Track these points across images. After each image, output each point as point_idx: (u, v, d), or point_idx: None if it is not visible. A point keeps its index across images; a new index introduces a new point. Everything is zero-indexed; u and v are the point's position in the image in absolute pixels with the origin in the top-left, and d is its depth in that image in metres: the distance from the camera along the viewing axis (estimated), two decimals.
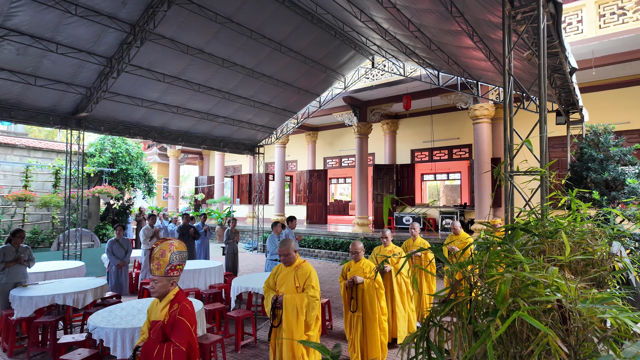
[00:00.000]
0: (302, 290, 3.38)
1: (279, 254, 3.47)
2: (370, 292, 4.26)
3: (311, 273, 3.44)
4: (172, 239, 2.54)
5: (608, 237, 2.12)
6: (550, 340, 1.02)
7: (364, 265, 4.39)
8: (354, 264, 4.42)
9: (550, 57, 4.92)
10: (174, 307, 2.39)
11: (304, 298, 3.32)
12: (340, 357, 2.02)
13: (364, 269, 4.36)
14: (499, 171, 2.04)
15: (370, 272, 4.32)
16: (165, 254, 2.37)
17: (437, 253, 1.39)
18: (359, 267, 4.39)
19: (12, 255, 5.32)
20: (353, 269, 4.41)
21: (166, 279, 2.41)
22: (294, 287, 3.39)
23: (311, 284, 3.39)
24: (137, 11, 6.38)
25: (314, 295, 3.34)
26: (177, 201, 20.85)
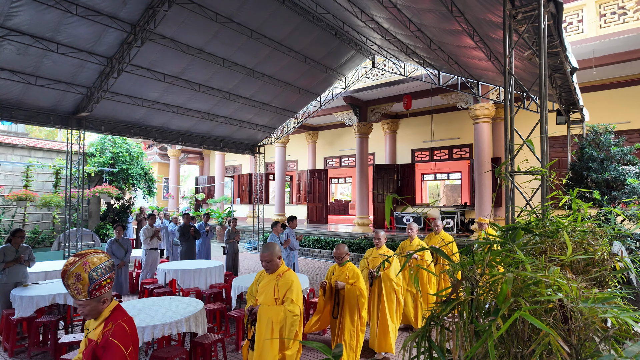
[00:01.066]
0: (281, 303, 3.02)
1: (261, 260, 3.18)
2: (350, 300, 4.00)
3: (293, 284, 3.08)
4: (86, 254, 2.13)
5: (609, 237, 2.12)
6: (552, 339, 1.02)
7: (347, 270, 4.15)
8: (338, 268, 4.21)
9: (551, 56, 4.92)
10: (108, 327, 2.13)
11: (280, 312, 2.95)
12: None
13: (347, 274, 4.12)
14: (500, 171, 2.04)
15: (352, 278, 4.05)
16: (81, 276, 2.04)
17: (438, 252, 1.39)
18: (342, 271, 4.16)
19: (12, 255, 5.32)
20: (337, 273, 4.18)
21: (94, 300, 2.10)
22: (272, 298, 3.05)
23: (291, 296, 3.02)
24: (138, 11, 6.38)
25: (292, 310, 2.97)
26: (177, 201, 20.86)
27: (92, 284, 2.08)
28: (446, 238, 6.17)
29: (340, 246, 4.18)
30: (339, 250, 4.15)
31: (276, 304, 3.03)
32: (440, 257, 5.61)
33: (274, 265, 3.18)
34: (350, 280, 4.06)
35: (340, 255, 4.17)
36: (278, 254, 3.22)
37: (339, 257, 4.16)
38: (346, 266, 4.16)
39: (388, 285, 4.67)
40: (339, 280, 4.07)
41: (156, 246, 8.13)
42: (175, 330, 3.74)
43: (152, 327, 3.60)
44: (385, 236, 4.82)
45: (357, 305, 4.02)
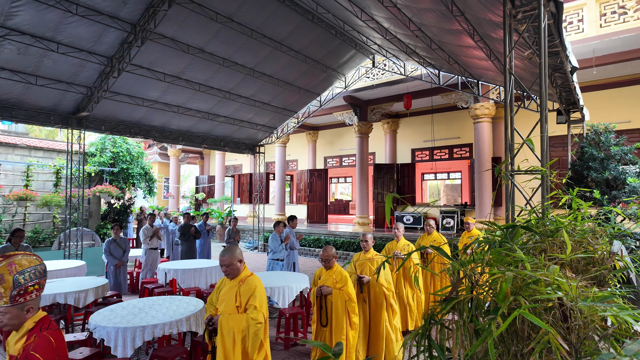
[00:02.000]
0: (243, 311, 2.80)
1: (220, 264, 2.93)
2: (338, 305, 3.72)
3: (256, 289, 2.86)
4: (15, 255, 1.89)
5: (609, 236, 2.12)
6: (551, 338, 1.02)
7: (335, 274, 3.87)
8: (325, 272, 3.93)
9: (551, 56, 4.92)
10: (30, 340, 1.83)
11: (242, 321, 2.73)
12: None
13: (334, 277, 3.84)
14: (500, 170, 2.04)
15: (340, 282, 3.78)
16: (5, 278, 1.78)
17: (439, 250, 1.39)
18: (329, 275, 3.89)
19: None
20: (324, 277, 3.91)
21: (17, 308, 1.82)
22: (234, 306, 2.81)
23: (254, 303, 2.79)
24: (138, 10, 6.39)
25: (256, 318, 2.75)
26: (177, 200, 20.87)
27: (16, 289, 1.83)
28: (438, 239, 6.11)
29: (328, 248, 3.89)
30: (326, 253, 3.87)
31: (238, 312, 2.80)
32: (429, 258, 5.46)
33: (235, 269, 2.92)
34: (337, 284, 3.79)
35: (328, 258, 3.88)
36: (239, 257, 2.95)
37: (326, 260, 3.88)
38: (334, 270, 3.89)
39: (377, 290, 4.41)
40: (326, 285, 3.80)
41: (156, 246, 8.14)
42: (175, 329, 3.74)
43: (152, 327, 3.60)
44: (374, 238, 4.55)
45: (346, 311, 3.73)
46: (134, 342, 3.51)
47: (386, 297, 4.38)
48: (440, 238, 6.00)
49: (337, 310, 3.72)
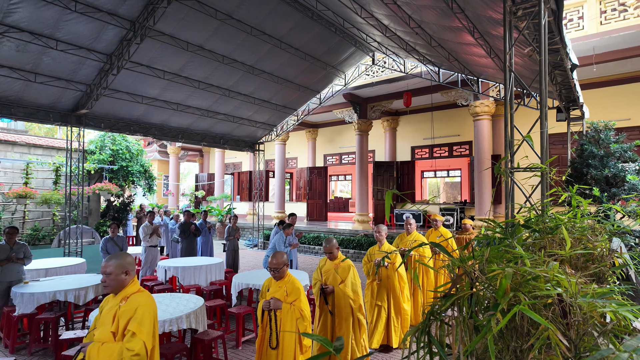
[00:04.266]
0: (121, 337, 2.23)
1: (101, 271, 2.37)
2: (286, 324, 3.06)
3: (138, 309, 2.25)
4: None
5: (608, 233, 2.13)
6: (551, 334, 1.03)
7: (286, 285, 3.18)
8: (275, 282, 3.24)
9: (551, 53, 4.91)
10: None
11: (114, 352, 2.15)
12: None
13: (285, 289, 3.16)
14: (500, 167, 2.04)
15: (292, 295, 3.14)
16: None
17: (439, 247, 1.39)
18: (279, 287, 3.19)
19: (6, 254, 5.27)
20: (273, 289, 3.20)
21: None
22: (109, 332, 2.24)
23: (133, 327, 2.19)
24: (137, 7, 6.37)
25: (132, 348, 2.14)
26: (177, 198, 20.87)
27: None
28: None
29: (278, 255, 3.21)
30: (276, 260, 3.17)
31: (114, 340, 2.22)
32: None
33: (116, 281, 2.31)
34: (288, 298, 3.13)
35: (277, 265, 3.17)
36: (126, 267, 2.35)
37: (275, 269, 3.17)
38: (285, 280, 3.21)
39: (343, 303, 3.83)
40: (274, 297, 3.13)
41: (156, 243, 8.14)
42: (175, 326, 3.75)
43: None
44: (337, 245, 4.02)
45: (297, 331, 3.09)
46: None
47: (352, 310, 3.85)
48: (419, 237, 5.78)
49: (286, 329, 3.06)
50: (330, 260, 4.03)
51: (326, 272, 3.98)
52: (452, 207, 12.82)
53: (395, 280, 4.70)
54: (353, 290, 3.89)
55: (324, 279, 3.97)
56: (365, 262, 4.82)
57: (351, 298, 3.85)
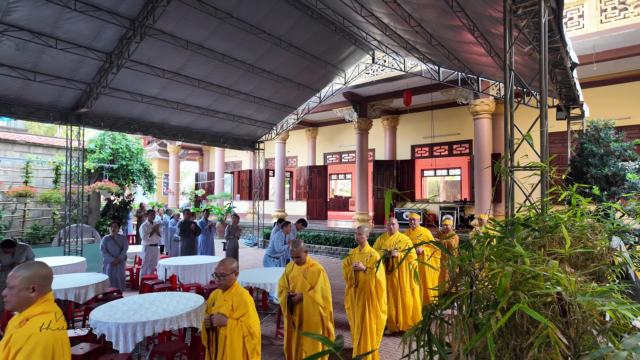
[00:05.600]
0: None
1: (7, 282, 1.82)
2: (233, 342, 2.68)
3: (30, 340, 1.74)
4: None
5: (608, 232, 2.13)
6: (551, 332, 1.03)
7: (233, 297, 2.83)
8: (221, 294, 2.89)
9: (551, 52, 4.91)
10: None
11: None
12: None
13: (232, 302, 2.81)
14: (500, 166, 2.05)
15: (239, 309, 2.77)
16: None
17: (438, 246, 1.40)
18: (225, 300, 2.85)
19: (8, 260, 5.24)
20: (219, 302, 2.87)
21: None
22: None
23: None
24: (137, 6, 6.36)
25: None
26: (177, 197, 20.87)
27: None
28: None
29: (227, 261, 2.88)
30: (224, 266, 2.84)
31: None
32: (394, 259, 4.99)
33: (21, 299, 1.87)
34: (235, 313, 2.76)
35: (225, 272, 2.83)
36: (35, 280, 1.90)
37: (221, 275, 2.82)
38: (231, 291, 2.87)
39: (312, 311, 3.46)
40: (220, 312, 2.78)
41: (156, 242, 8.15)
42: (176, 325, 3.76)
43: (152, 322, 3.62)
44: (306, 248, 3.71)
45: (244, 351, 2.72)
46: (135, 338, 3.52)
47: (322, 320, 3.51)
48: (403, 237, 5.48)
49: (233, 348, 2.68)
50: (297, 265, 3.69)
51: (294, 278, 3.62)
52: (452, 206, 12.83)
53: (372, 285, 4.29)
54: (323, 296, 3.53)
55: (291, 286, 3.60)
56: (345, 265, 4.48)
57: (321, 305, 3.49)
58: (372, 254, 4.39)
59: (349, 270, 4.39)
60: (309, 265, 3.68)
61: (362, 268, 4.28)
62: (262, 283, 5.36)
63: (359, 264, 4.30)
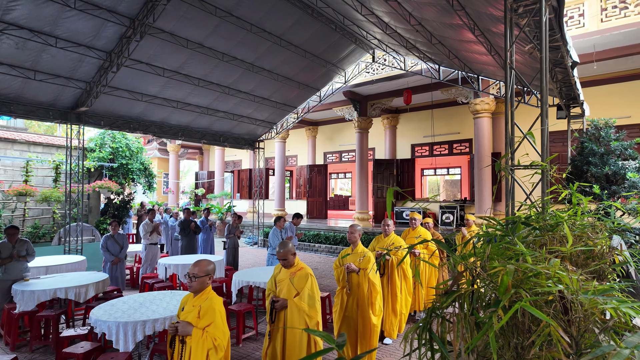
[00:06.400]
0: None
1: None
2: (197, 355, 2.48)
3: None
4: None
5: (608, 231, 2.13)
6: (553, 330, 1.03)
7: (202, 304, 2.63)
8: (192, 299, 2.71)
9: (552, 50, 4.90)
10: None
11: None
12: None
13: (198, 310, 2.61)
14: (501, 165, 2.04)
15: (204, 318, 2.57)
16: None
17: (439, 244, 1.39)
18: (193, 306, 2.65)
19: (8, 252, 5.28)
20: (187, 308, 2.68)
21: None
22: None
23: None
24: (137, 5, 6.34)
25: None
26: (177, 196, 20.87)
27: None
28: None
29: (202, 262, 2.71)
30: (198, 267, 2.71)
31: None
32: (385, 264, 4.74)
33: None
34: (201, 321, 2.57)
35: (197, 273, 2.69)
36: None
37: (193, 276, 2.68)
38: (202, 296, 2.69)
39: (297, 320, 3.17)
40: (187, 319, 2.60)
41: (156, 241, 8.15)
42: None
43: (153, 321, 3.62)
44: (294, 250, 3.42)
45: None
46: (135, 336, 3.52)
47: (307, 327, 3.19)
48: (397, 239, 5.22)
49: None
50: (285, 268, 3.40)
51: (280, 281, 3.37)
52: (452, 205, 12.82)
53: (365, 288, 4.05)
54: (310, 304, 3.21)
55: (277, 289, 3.35)
56: (336, 266, 4.24)
57: (307, 314, 3.18)
58: (366, 254, 4.15)
59: (341, 271, 4.15)
60: (297, 269, 3.36)
61: (354, 269, 4.06)
62: (262, 282, 5.36)
63: (351, 265, 4.07)
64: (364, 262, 4.10)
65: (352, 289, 4.10)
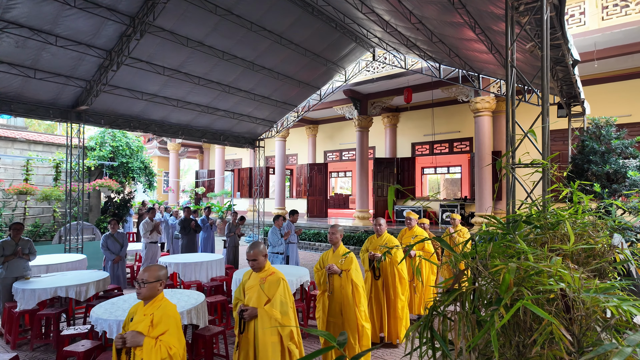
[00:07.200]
0: None
1: None
2: None
3: None
4: None
5: (609, 229, 2.13)
6: (555, 328, 1.03)
7: (154, 312, 2.47)
8: (142, 307, 2.52)
9: (553, 49, 4.89)
10: None
11: None
12: None
13: (150, 317, 2.45)
14: (501, 163, 2.04)
15: (158, 326, 2.40)
16: None
17: (441, 242, 1.39)
18: (145, 314, 2.48)
19: (12, 249, 5.29)
20: (138, 317, 2.50)
21: None
22: None
23: None
24: (137, 3, 6.33)
25: None
26: (177, 195, 20.88)
27: None
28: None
29: (153, 268, 2.56)
30: (149, 273, 2.52)
31: None
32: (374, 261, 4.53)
33: None
34: (153, 330, 2.40)
35: (147, 279, 2.49)
36: None
37: (142, 282, 2.50)
38: (154, 304, 2.51)
39: (267, 330, 2.86)
40: (138, 329, 2.41)
41: (156, 240, 8.15)
42: None
43: None
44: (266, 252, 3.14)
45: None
46: None
47: (281, 339, 2.90)
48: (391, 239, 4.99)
49: None
50: (255, 273, 3.08)
51: (250, 288, 3.03)
52: (452, 204, 12.82)
53: (349, 291, 3.84)
54: (282, 311, 2.91)
55: (246, 298, 3.02)
56: (317, 269, 4.03)
57: (279, 322, 2.88)
58: (348, 254, 3.96)
59: (322, 274, 3.93)
60: (268, 274, 3.03)
61: (336, 271, 3.86)
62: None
63: (333, 267, 3.87)
64: (345, 263, 3.91)
65: (334, 292, 3.89)
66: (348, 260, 3.90)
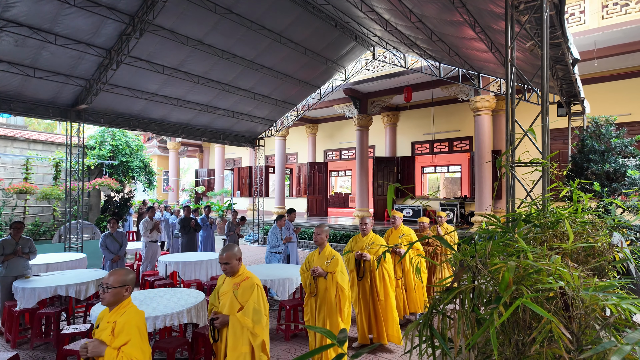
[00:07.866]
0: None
1: None
2: None
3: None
4: None
5: (609, 228, 2.13)
6: (554, 327, 1.03)
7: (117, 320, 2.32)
8: (107, 314, 2.41)
9: (553, 48, 4.89)
10: None
11: None
12: None
13: (113, 325, 2.30)
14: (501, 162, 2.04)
15: (120, 336, 2.24)
16: None
17: (441, 241, 1.39)
18: (108, 322, 2.35)
19: (12, 248, 5.29)
20: (102, 325, 2.37)
21: None
22: None
23: None
24: (136, 1, 6.32)
25: None
26: (177, 194, 20.88)
27: None
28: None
29: (119, 272, 2.42)
30: (114, 277, 2.39)
31: None
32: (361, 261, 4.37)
33: None
34: (116, 340, 2.25)
35: (112, 284, 2.37)
36: None
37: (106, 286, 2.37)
38: (118, 311, 2.38)
39: (239, 339, 2.71)
40: (101, 337, 2.30)
41: (156, 238, 8.15)
42: (176, 321, 3.76)
43: (153, 318, 3.62)
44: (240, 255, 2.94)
45: None
46: None
47: (253, 351, 2.73)
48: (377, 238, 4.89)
49: None
50: (228, 277, 2.91)
51: (224, 294, 2.87)
52: (452, 203, 12.83)
53: (333, 294, 3.73)
54: (255, 319, 2.74)
55: (220, 304, 2.88)
56: (302, 271, 3.94)
57: (251, 332, 2.70)
58: (333, 256, 3.85)
59: (307, 276, 3.85)
60: (242, 279, 2.86)
61: (321, 273, 3.76)
62: (261, 280, 5.37)
63: (317, 269, 3.77)
64: (331, 266, 3.80)
65: (319, 294, 3.80)
66: (334, 263, 3.81)
